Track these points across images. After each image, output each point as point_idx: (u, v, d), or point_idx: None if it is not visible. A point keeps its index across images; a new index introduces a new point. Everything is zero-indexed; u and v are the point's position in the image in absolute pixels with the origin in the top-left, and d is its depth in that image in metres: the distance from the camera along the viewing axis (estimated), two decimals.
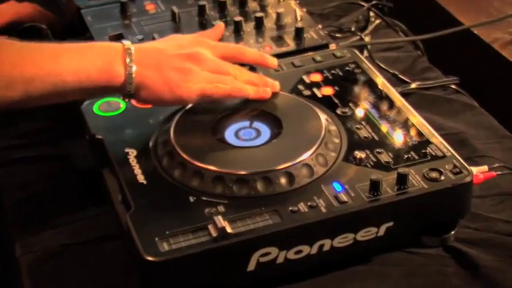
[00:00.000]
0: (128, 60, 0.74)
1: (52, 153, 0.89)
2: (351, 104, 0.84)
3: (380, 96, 0.84)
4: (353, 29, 1.08)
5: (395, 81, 0.98)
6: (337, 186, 0.73)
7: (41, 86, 0.71)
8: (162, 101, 0.76)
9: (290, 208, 0.71)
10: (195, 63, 0.77)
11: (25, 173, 0.86)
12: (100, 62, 0.73)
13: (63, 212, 0.81)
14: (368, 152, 0.76)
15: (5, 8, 1.01)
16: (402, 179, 0.72)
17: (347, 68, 0.89)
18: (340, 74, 0.88)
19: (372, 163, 0.75)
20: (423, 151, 0.76)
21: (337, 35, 1.07)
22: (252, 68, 0.85)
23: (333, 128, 0.79)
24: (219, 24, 0.90)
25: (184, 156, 0.75)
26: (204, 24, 0.99)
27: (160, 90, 0.75)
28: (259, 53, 0.85)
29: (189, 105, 0.81)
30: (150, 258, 0.67)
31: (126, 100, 0.77)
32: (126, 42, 0.76)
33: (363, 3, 1.12)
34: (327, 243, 0.71)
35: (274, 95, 0.83)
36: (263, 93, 0.81)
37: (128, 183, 0.74)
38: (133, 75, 0.74)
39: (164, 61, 0.76)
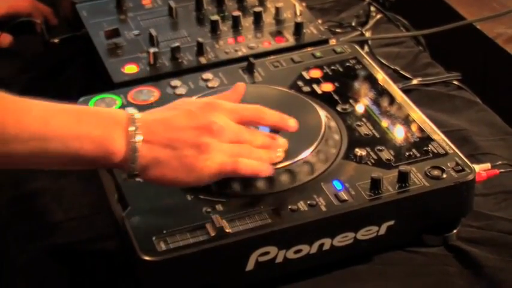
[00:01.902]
0: (132, 135, 0.64)
1: None
2: (351, 101, 0.83)
3: (381, 93, 0.84)
4: (353, 24, 1.08)
5: (396, 77, 0.98)
6: (337, 184, 0.72)
7: (21, 149, 0.62)
8: (174, 182, 0.66)
9: (289, 207, 0.70)
10: (212, 135, 0.66)
11: (18, 171, 0.85)
12: (97, 133, 0.63)
13: (58, 212, 0.80)
14: (369, 149, 0.76)
15: None
16: (403, 177, 0.72)
17: (347, 64, 0.88)
18: (341, 69, 0.88)
19: (372, 161, 0.75)
20: (425, 148, 0.76)
21: (337, 30, 1.06)
22: None
23: (333, 125, 0.79)
24: (240, 84, 0.75)
25: None
26: (201, 19, 0.98)
27: (174, 171, 0.65)
28: (279, 116, 0.73)
29: None
30: (147, 258, 0.66)
31: (129, 180, 0.67)
32: (132, 111, 0.66)
33: None
34: (327, 243, 0.71)
35: (273, 91, 0.82)
36: (277, 159, 0.71)
37: (124, 182, 0.73)
38: (138, 154, 0.64)
39: (176, 136, 0.65)
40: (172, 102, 0.70)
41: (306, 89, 0.85)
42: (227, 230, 0.68)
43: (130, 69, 0.90)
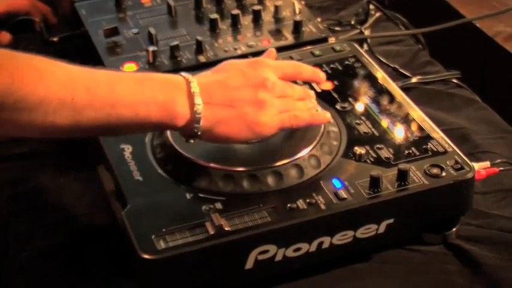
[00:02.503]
0: (194, 97, 0.66)
1: (43, 150, 0.88)
2: (350, 99, 0.83)
3: (380, 91, 0.84)
4: (353, 22, 1.08)
5: (395, 75, 0.98)
6: (336, 182, 0.72)
7: (93, 116, 0.63)
8: (238, 139, 0.70)
9: (289, 205, 0.70)
10: (267, 91, 0.70)
11: (17, 169, 0.85)
12: (161, 97, 0.65)
13: (57, 210, 0.80)
14: (368, 147, 0.76)
15: None
16: (403, 175, 0.72)
17: (346, 62, 0.88)
18: (340, 68, 0.87)
19: (372, 159, 0.75)
20: (424, 147, 0.76)
21: (337, 28, 1.06)
22: None
23: (332, 123, 0.78)
24: (272, 50, 0.78)
25: (181, 152, 0.74)
26: (200, 17, 0.98)
27: (237, 129, 0.68)
28: (314, 70, 0.77)
29: None
30: (146, 256, 0.66)
31: (191, 141, 0.69)
32: (187, 75, 0.68)
33: None
34: (326, 241, 0.71)
35: None
36: (313, 109, 0.76)
37: (124, 180, 0.73)
38: (201, 115, 0.67)
39: (234, 95, 0.68)
40: (217, 66, 0.73)
41: (305, 86, 0.85)
42: (226, 228, 0.68)
43: (130, 67, 0.90)
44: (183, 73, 0.69)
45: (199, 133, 0.68)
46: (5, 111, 0.60)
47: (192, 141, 0.70)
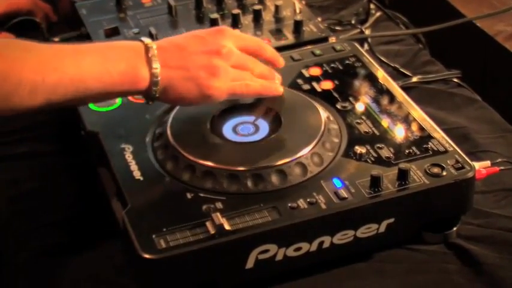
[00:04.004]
0: (152, 62, 0.70)
1: (44, 150, 0.88)
2: (351, 99, 0.83)
3: (381, 91, 0.84)
4: (353, 21, 1.08)
5: (396, 75, 0.97)
6: (337, 182, 0.72)
7: (63, 93, 0.67)
8: (190, 101, 0.73)
9: (289, 204, 0.70)
10: (221, 58, 0.73)
11: (16, 169, 0.85)
12: (123, 66, 0.70)
13: (57, 210, 0.80)
14: (368, 147, 0.76)
15: None
16: (403, 175, 0.72)
17: (347, 62, 0.88)
18: (340, 67, 0.87)
19: (372, 158, 0.74)
20: (425, 146, 0.76)
21: (337, 28, 1.06)
22: None
23: (333, 122, 0.78)
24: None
25: (182, 151, 0.74)
26: (201, 17, 0.98)
27: (189, 91, 0.72)
28: (275, 52, 0.80)
29: None
30: (147, 256, 0.66)
31: (150, 102, 0.73)
32: (147, 41, 0.72)
33: None
34: (326, 240, 0.71)
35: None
36: (279, 89, 0.79)
37: (124, 180, 0.73)
38: (159, 78, 0.71)
39: (190, 59, 0.72)
40: (181, 34, 0.76)
41: (306, 87, 0.85)
42: (227, 228, 0.68)
43: None
44: (143, 38, 0.72)
45: (157, 95, 0.72)
46: None
47: (151, 103, 0.73)
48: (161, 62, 0.71)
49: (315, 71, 0.87)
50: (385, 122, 0.79)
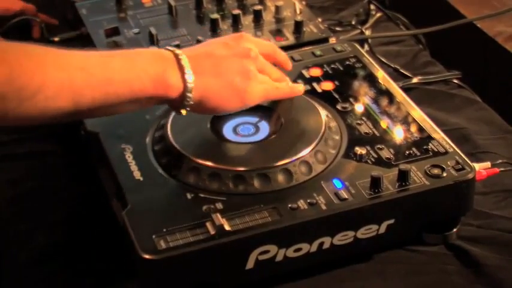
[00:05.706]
0: (185, 69, 0.67)
1: (44, 150, 0.87)
2: (351, 99, 0.83)
3: (381, 91, 0.84)
4: (353, 22, 1.08)
5: (396, 75, 0.98)
6: (337, 183, 0.72)
7: (91, 96, 0.64)
8: (228, 108, 0.71)
9: (289, 205, 0.70)
10: (252, 60, 0.72)
11: (16, 169, 0.85)
12: (153, 71, 0.66)
13: (57, 210, 0.80)
14: (369, 148, 0.76)
15: None
16: (403, 176, 0.72)
17: (347, 63, 0.88)
18: (340, 68, 0.87)
19: (372, 159, 0.74)
20: (425, 147, 0.76)
21: (337, 28, 1.06)
22: None
23: (333, 123, 0.78)
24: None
25: (182, 152, 0.74)
26: (201, 17, 0.98)
27: (227, 99, 0.70)
28: (287, 57, 0.79)
29: None
30: (147, 256, 0.66)
31: (182, 113, 0.70)
32: (173, 48, 0.69)
33: None
34: (326, 241, 0.70)
35: None
36: (302, 89, 0.79)
37: (124, 180, 0.73)
38: (193, 85, 0.68)
39: (222, 65, 0.70)
40: (201, 43, 0.75)
41: (306, 87, 0.85)
42: (227, 229, 0.68)
43: None
44: (169, 47, 0.70)
45: (191, 103, 0.69)
46: (8, 101, 0.61)
47: (183, 112, 0.70)
48: (193, 70, 0.68)
49: (315, 72, 0.87)
50: (385, 122, 0.79)
